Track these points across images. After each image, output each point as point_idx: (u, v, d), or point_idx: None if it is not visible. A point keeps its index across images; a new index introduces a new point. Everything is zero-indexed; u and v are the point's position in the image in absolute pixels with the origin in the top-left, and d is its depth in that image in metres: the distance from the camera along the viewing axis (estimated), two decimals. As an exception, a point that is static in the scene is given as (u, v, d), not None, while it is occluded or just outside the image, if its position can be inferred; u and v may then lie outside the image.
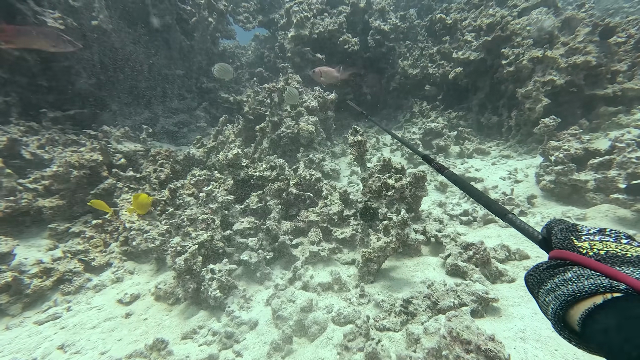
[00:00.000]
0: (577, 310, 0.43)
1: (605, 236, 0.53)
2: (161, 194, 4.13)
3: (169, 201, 4.07)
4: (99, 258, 3.47)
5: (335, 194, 4.22)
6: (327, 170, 6.10)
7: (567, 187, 3.97)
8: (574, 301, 0.44)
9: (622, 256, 0.47)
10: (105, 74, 5.29)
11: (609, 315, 0.39)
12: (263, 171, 4.13)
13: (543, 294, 0.49)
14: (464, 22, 6.79)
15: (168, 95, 6.37)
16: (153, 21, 5.37)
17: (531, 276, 0.53)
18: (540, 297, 0.50)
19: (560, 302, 0.45)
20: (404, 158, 6.61)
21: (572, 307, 0.44)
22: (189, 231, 3.30)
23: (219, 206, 3.62)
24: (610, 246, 0.50)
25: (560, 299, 0.45)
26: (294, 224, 4.03)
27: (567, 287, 0.45)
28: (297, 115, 6.32)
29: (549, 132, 4.38)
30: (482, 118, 6.57)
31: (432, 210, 4.56)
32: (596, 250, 0.50)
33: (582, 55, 4.77)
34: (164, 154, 4.92)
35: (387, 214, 3.80)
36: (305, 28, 6.82)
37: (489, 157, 5.85)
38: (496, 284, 2.99)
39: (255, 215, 4.00)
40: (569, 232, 0.56)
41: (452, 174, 0.89)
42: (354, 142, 3.92)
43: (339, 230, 3.96)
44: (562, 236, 0.56)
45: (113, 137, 4.98)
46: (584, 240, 0.53)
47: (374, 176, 4.05)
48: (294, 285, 3.33)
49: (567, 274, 0.47)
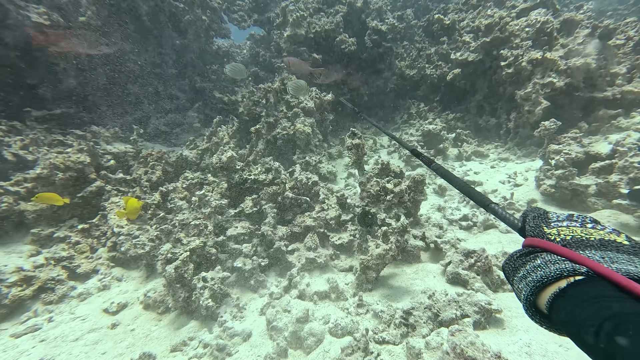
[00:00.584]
0: (545, 295, 0.45)
1: (572, 222, 0.56)
2: (152, 197, 3.97)
3: (160, 205, 3.92)
4: (84, 265, 3.31)
5: (332, 198, 4.10)
6: (323, 173, 5.99)
7: (567, 192, 3.90)
8: (542, 286, 0.46)
9: (586, 240, 0.50)
10: (94, 72, 5.11)
11: (570, 298, 0.41)
12: (258, 174, 4.00)
13: (517, 281, 0.51)
14: (462, 23, 6.73)
15: (160, 95, 6.20)
16: (144, 19, 5.20)
17: (507, 265, 0.56)
18: (515, 284, 0.52)
19: (531, 288, 0.47)
20: (402, 160, 6.52)
21: (541, 292, 0.46)
22: (180, 237, 3.16)
23: (212, 211, 3.48)
24: (576, 231, 0.52)
25: (530, 285, 0.47)
26: (290, 229, 3.90)
27: (536, 274, 0.47)
28: (294, 116, 6.20)
29: (549, 136, 4.32)
30: (480, 120, 6.51)
31: (431, 214, 4.47)
32: (563, 235, 0.52)
33: (581, 58, 4.72)
34: (155, 155, 4.76)
35: (386, 219, 3.69)
36: (301, 27, 6.70)
37: (488, 159, 5.79)
38: (498, 293, 2.89)
39: (250, 220, 3.87)
40: (540, 219, 0.59)
41: (439, 166, 0.91)
42: (352, 145, 3.81)
43: (336, 236, 3.84)
44: (533, 224, 0.58)
45: (102, 137, 4.80)
46: (552, 227, 0.55)
47: (372, 180, 3.94)
48: (290, 294, 3.21)
49: (536, 261, 0.49)
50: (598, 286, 0.41)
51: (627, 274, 0.42)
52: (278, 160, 6.53)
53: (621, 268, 0.43)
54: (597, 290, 0.40)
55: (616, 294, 0.39)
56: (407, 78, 8.54)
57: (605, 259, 0.45)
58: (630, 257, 0.46)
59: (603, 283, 0.41)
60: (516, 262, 0.54)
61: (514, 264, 0.54)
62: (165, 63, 6.01)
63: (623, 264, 0.44)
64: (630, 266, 0.43)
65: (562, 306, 0.43)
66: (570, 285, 0.43)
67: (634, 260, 0.45)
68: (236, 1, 8.09)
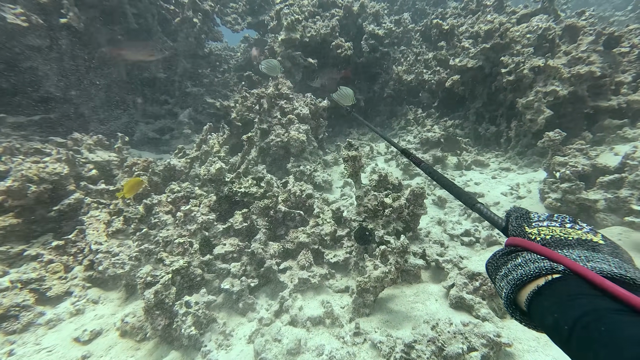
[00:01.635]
0: (525, 293, 0.47)
1: (552, 222, 0.58)
2: (135, 210, 3.71)
3: (144, 219, 3.66)
4: (56, 287, 3.03)
5: (327, 212, 3.87)
6: (318, 182, 5.76)
7: (575, 206, 3.72)
8: (522, 284, 0.48)
9: (564, 239, 0.52)
10: (77, 76, 4.84)
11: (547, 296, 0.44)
12: (249, 187, 3.76)
13: (499, 279, 0.53)
14: (461, 28, 6.58)
15: (149, 100, 5.94)
16: (130, 21, 4.95)
17: (490, 264, 0.58)
18: (497, 282, 0.54)
19: (511, 286, 0.49)
20: (400, 169, 6.32)
21: (522, 290, 0.48)
22: (162, 257, 2.90)
23: (198, 228, 3.23)
24: (556, 231, 0.54)
25: (511, 283, 0.49)
26: (282, 245, 3.67)
27: (516, 272, 0.49)
28: (288, 123, 5.98)
29: (553, 147, 4.14)
30: (479, 128, 6.34)
31: (431, 228, 4.26)
32: (543, 235, 0.54)
33: (585, 65, 4.56)
34: (141, 164, 4.50)
35: (384, 236, 3.47)
36: (296, 31, 6.50)
37: (488, 169, 5.60)
38: (506, 320, 2.68)
39: (240, 235, 3.62)
40: (522, 219, 0.60)
41: (427, 166, 0.93)
42: (349, 157, 3.59)
43: (331, 253, 3.61)
44: (516, 224, 0.60)
45: (84, 145, 4.53)
46: (533, 226, 0.57)
47: (369, 194, 3.72)
48: (281, 319, 2.96)
49: (517, 260, 0.51)
50: (573, 284, 0.42)
51: (600, 272, 0.43)
52: (272, 167, 6.31)
53: (596, 266, 0.44)
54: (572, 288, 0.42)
55: (590, 292, 0.40)
56: (404, 83, 8.38)
57: (582, 258, 0.46)
58: (605, 256, 0.47)
59: (578, 281, 0.43)
60: (498, 260, 0.56)
61: (496, 263, 0.56)
62: (154, 66, 5.75)
63: (598, 263, 0.45)
64: (604, 265, 0.44)
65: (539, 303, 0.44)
66: (548, 283, 0.44)
67: (608, 259, 0.46)
68: (229, 4, 7.87)
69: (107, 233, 3.42)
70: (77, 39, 4.70)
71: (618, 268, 0.44)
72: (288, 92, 6.50)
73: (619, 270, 0.43)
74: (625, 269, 0.43)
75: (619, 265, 0.44)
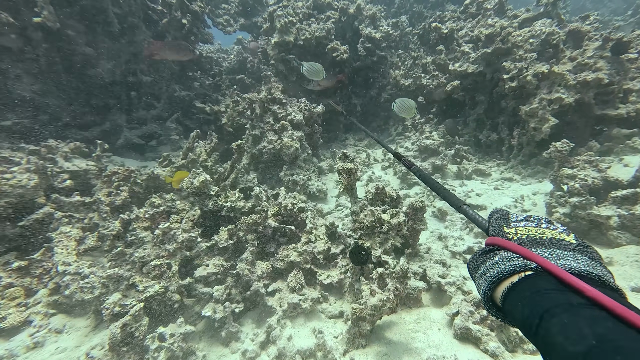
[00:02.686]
0: (500, 289, 0.49)
1: (529, 222, 0.60)
2: (111, 226, 3.39)
3: (120, 236, 3.34)
4: (13, 315, 2.70)
5: (320, 228, 3.58)
6: (312, 191, 5.48)
7: (585, 222, 3.47)
8: (498, 281, 0.50)
9: (538, 238, 0.54)
10: (54, 79, 4.52)
11: (519, 292, 0.46)
12: (236, 201, 3.46)
13: (478, 277, 0.56)
14: (461, 32, 6.37)
15: (134, 104, 5.62)
16: (113, 22, 4.65)
17: (471, 262, 0.61)
18: (476, 280, 0.57)
19: (488, 283, 0.52)
20: (397, 177, 6.06)
21: (498, 287, 0.51)
22: (135, 282, 2.59)
23: (178, 247, 2.92)
24: (531, 230, 0.57)
25: (488, 280, 0.52)
26: (271, 264, 3.37)
27: (493, 269, 0.52)
28: (281, 129, 5.70)
29: (560, 158, 3.90)
30: (480, 135, 6.11)
31: (432, 244, 3.99)
32: (520, 235, 0.57)
33: (592, 72, 4.35)
34: (122, 174, 4.19)
35: (382, 256, 3.19)
36: (289, 34, 6.24)
37: (490, 179, 5.36)
38: (517, 355, 2.40)
39: (225, 253, 3.32)
40: (501, 220, 0.64)
41: (418, 169, 0.98)
42: (343, 169, 3.31)
43: (324, 274, 3.32)
44: (496, 224, 0.63)
45: (60, 153, 4.20)
46: (511, 226, 0.60)
47: (365, 209, 3.44)
48: (267, 352, 2.66)
49: (495, 258, 0.54)
50: (544, 280, 0.45)
51: (569, 270, 0.45)
52: (264, 175, 6.02)
53: (565, 264, 0.47)
54: (542, 284, 0.44)
55: (559, 287, 0.42)
56: (402, 88, 8.14)
57: (553, 256, 0.49)
58: (575, 254, 0.49)
59: (549, 278, 0.45)
60: (478, 259, 0.59)
61: (476, 262, 0.59)
62: (139, 69, 5.45)
63: (567, 260, 0.48)
64: (573, 262, 0.47)
65: (512, 299, 0.47)
66: (521, 280, 0.47)
67: (577, 257, 0.49)
68: (221, 4, 7.60)
69: (78, 252, 3.10)
70: (55, 39, 4.38)
71: (586, 266, 0.46)
72: (281, 97, 6.23)
73: (587, 267, 0.46)
74: (592, 267, 0.46)
75: (586, 263, 0.47)
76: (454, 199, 0.76)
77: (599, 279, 0.44)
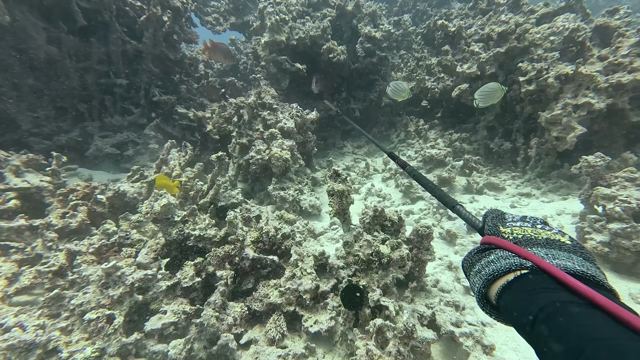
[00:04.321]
0: (495, 287, 0.50)
1: (525, 222, 0.60)
2: (53, 259, 2.82)
3: (64, 271, 2.76)
4: None
5: (308, 260, 2.99)
6: (305, 207, 4.90)
7: (630, 255, 2.86)
8: (493, 279, 0.51)
9: (534, 238, 0.54)
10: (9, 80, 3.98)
11: (514, 290, 0.47)
12: (205, 229, 2.88)
13: (472, 275, 0.56)
14: (469, 30, 5.78)
15: (108, 110, 5.08)
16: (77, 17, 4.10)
17: (466, 261, 0.61)
18: (471, 278, 0.57)
19: (483, 281, 0.52)
20: (399, 190, 5.47)
21: (492, 285, 0.51)
22: (59, 344, 2.01)
23: (126, 291, 2.34)
24: (527, 231, 0.57)
25: (483, 278, 0.52)
26: (248, 304, 2.78)
27: (489, 268, 0.52)
28: (270, 138, 5.13)
29: (594, 174, 3.29)
30: (491, 143, 5.51)
31: (440, 275, 3.39)
32: (515, 234, 0.57)
33: (628, 73, 3.75)
34: (81, 191, 3.63)
35: (381, 299, 2.59)
36: (281, 33, 5.68)
37: (504, 194, 4.75)
38: None
39: (192, 292, 2.74)
40: (497, 219, 0.64)
41: (412, 169, 0.98)
42: (334, 191, 2.73)
43: (311, 319, 2.71)
44: (491, 224, 0.63)
45: (8, 167, 3.65)
46: (507, 226, 0.60)
47: (361, 238, 2.85)
48: None
49: (490, 257, 0.54)
50: (539, 279, 0.45)
51: (565, 269, 0.46)
52: (253, 188, 5.45)
53: (560, 263, 0.47)
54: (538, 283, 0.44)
55: (554, 286, 0.43)
56: (404, 92, 7.56)
57: (549, 256, 0.49)
58: (570, 255, 0.49)
59: (544, 277, 0.45)
60: (473, 257, 0.58)
61: (471, 260, 0.59)
62: (113, 71, 4.91)
63: (562, 260, 0.48)
64: (568, 262, 0.47)
65: (507, 297, 0.47)
66: (516, 279, 0.47)
67: (572, 257, 0.49)
68: (210, 2, 7.07)
69: (5, 294, 2.53)
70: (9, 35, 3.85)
71: (580, 266, 0.47)
72: (272, 102, 5.67)
73: (581, 267, 0.46)
74: (586, 267, 0.47)
75: (581, 264, 0.47)
76: (448, 199, 0.75)
77: (594, 279, 0.45)
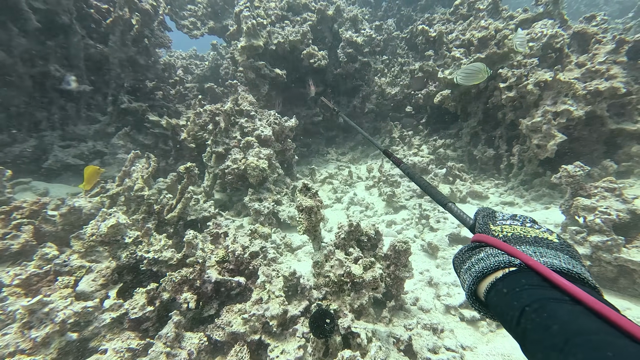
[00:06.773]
0: (484, 284, 0.51)
1: (515, 221, 0.61)
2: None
3: None
4: None
5: (277, 282, 2.76)
6: (283, 218, 4.69)
7: (612, 268, 2.74)
8: (482, 277, 0.52)
9: (523, 237, 0.56)
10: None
11: (502, 286, 0.48)
12: (160, 250, 2.63)
13: (463, 272, 0.57)
14: (451, 36, 5.70)
15: (71, 118, 4.76)
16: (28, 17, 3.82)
17: (456, 258, 0.63)
18: (461, 275, 0.58)
19: (473, 278, 0.53)
20: (382, 199, 5.31)
21: (482, 282, 0.52)
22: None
23: (55, 331, 2.07)
24: (516, 229, 0.58)
25: (472, 275, 0.53)
26: (208, 334, 2.54)
27: (478, 265, 0.54)
28: (246, 146, 4.90)
29: (574, 184, 3.18)
30: (475, 150, 5.41)
31: (420, 291, 3.22)
32: (505, 232, 0.58)
33: (605, 80, 3.68)
34: (27, 208, 3.33)
35: (352, 326, 2.38)
36: (258, 37, 5.49)
37: (488, 202, 4.63)
38: None
39: (144, 323, 2.48)
40: (488, 218, 0.65)
41: (406, 167, 1.02)
42: (303, 207, 2.52)
43: (277, 348, 2.49)
44: (482, 222, 0.65)
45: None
46: (497, 224, 0.61)
47: (332, 258, 2.65)
48: None
49: (480, 254, 0.56)
50: (527, 276, 0.46)
51: (551, 267, 0.47)
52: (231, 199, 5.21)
53: (547, 261, 0.48)
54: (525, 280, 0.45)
55: (540, 283, 0.44)
56: (388, 97, 7.46)
57: (537, 253, 0.51)
58: (557, 253, 0.51)
59: (531, 274, 0.46)
60: (463, 255, 0.60)
61: (462, 257, 0.60)
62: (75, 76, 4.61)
63: (550, 258, 0.49)
64: (555, 260, 0.49)
65: (495, 293, 0.48)
66: (505, 276, 0.49)
67: (559, 255, 0.50)
68: (187, 5, 6.83)
69: None
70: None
71: (566, 263, 0.48)
72: (250, 109, 5.45)
73: (567, 265, 0.48)
74: (572, 265, 0.48)
75: (567, 261, 0.49)
76: (440, 197, 0.78)
77: (579, 276, 0.46)
